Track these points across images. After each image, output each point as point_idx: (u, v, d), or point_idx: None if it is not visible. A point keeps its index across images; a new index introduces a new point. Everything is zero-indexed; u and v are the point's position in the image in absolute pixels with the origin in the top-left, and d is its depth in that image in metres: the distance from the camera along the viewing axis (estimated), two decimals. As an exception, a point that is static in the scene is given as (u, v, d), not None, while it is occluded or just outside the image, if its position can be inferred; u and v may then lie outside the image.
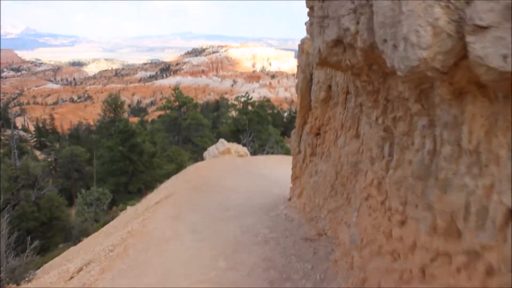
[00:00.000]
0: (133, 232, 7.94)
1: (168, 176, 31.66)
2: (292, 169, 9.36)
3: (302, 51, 9.01)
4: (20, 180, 28.97)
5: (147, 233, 7.59)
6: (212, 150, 16.68)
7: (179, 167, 32.45)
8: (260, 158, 17.19)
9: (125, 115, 41.99)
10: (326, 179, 7.25)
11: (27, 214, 27.22)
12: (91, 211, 28.52)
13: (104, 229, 11.50)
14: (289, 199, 9.41)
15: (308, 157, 8.45)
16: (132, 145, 33.53)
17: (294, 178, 9.31)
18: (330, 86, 7.68)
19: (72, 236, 23.24)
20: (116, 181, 33.38)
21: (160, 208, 9.30)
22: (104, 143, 35.59)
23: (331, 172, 7.05)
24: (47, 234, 27.60)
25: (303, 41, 9.06)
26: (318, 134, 8.26)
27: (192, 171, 13.63)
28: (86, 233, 17.20)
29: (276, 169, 13.34)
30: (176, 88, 42.51)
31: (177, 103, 40.45)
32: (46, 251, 24.76)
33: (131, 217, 10.60)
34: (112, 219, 14.68)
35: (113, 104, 39.91)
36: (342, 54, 4.03)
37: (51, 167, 42.70)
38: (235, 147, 17.04)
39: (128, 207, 15.14)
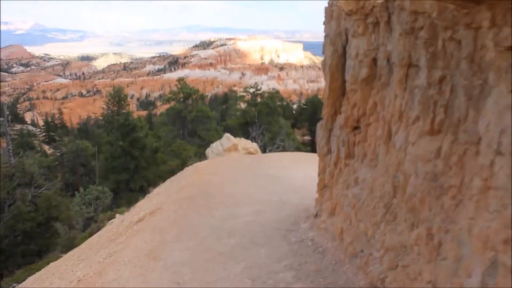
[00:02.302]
0: (84, 283, 5.60)
1: (172, 172, 29.59)
2: (318, 174, 7.05)
3: (331, 16, 6.70)
4: (15, 178, 27.48)
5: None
6: (215, 147, 14.29)
7: (184, 163, 30.69)
8: (273, 156, 14.70)
9: (130, 108, 39.91)
10: (375, 194, 5.00)
11: (23, 214, 25.65)
12: (90, 211, 26.66)
13: (77, 252, 9.25)
14: (316, 215, 7.08)
15: (343, 159, 6.15)
16: (133, 140, 31.40)
17: (322, 187, 7.00)
18: (375, 60, 5.42)
19: (58, 246, 21.22)
20: (117, 178, 31.30)
21: (135, 237, 6.98)
22: (104, 137, 33.61)
23: (384, 184, 4.82)
24: (45, 235, 26.16)
25: (331, 3, 6.71)
26: (356, 128, 5.99)
27: (188, 174, 11.34)
28: (72, 245, 15.03)
29: (293, 170, 11.08)
30: (180, 79, 40.47)
31: (181, 95, 38.26)
32: (44, 253, 23.11)
33: (107, 238, 8.31)
34: (98, 229, 12.46)
35: (117, 97, 37.92)
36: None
37: (57, 162, 41.52)
38: (243, 142, 14.66)
39: (117, 215, 12.87)
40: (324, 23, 6.89)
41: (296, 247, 6.00)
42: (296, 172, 10.85)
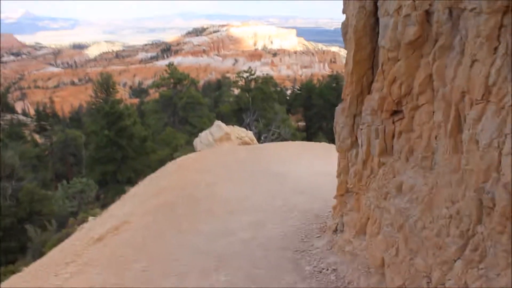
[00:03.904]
0: None
1: (162, 163, 27.94)
2: (338, 175, 5.29)
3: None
4: (-5, 171, 26.12)
5: None
6: (205, 136, 12.44)
7: (174, 152, 29.25)
8: (272, 147, 12.78)
9: (123, 96, 38.47)
10: (438, 214, 3.24)
11: (4, 209, 24.23)
12: (74, 205, 25.10)
13: (32, 270, 7.40)
14: (335, 230, 5.31)
15: (377, 157, 4.38)
16: (120, 128, 29.67)
17: (344, 192, 5.23)
18: (428, 14, 3.65)
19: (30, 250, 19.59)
20: (103, 169, 29.59)
21: (79, 277, 5.11)
22: (89, 127, 31.91)
23: (455, 199, 3.02)
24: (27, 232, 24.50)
25: None
26: (396, 112, 4.23)
27: (170, 172, 9.51)
28: (42, 252, 13.29)
29: (297, 164, 9.34)
30: (170, 64, 38.64)
31: (172, 80, 36.51)
32: (26, 253, 21.55)
33: (62, 258, 6.47)
34: (67, 236, 10.64)
35: (105, 84, 36.50)
36: None
37: (47, 152, 40.73)
38: (236, 131, 12.83)
39: (90, 219, 11.07)
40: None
41: (314, 283, 4.25)
42: (301, 167, 9.13)
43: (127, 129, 29.95)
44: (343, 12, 5.19)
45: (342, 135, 5.14)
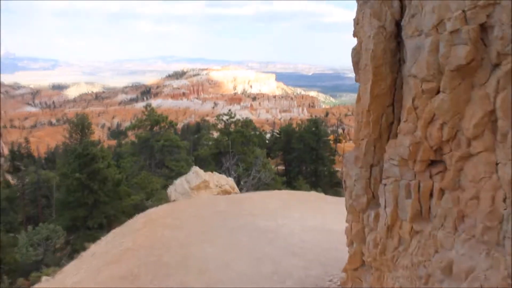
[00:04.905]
0: None
1: (136, 208, 26.55)
2: (350, 243, 4.14)
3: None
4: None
5: None
6: (180, 184, 11.17)
7: (150, 197, 27.88)
8: (256, 197, 11.43)
9: (98, 137, 37.40)
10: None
11: None
12: (39, 253, 23.33)
13: None
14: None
15: (408, 222, 3.25)
16: (92, 171, 28.05)
17: (357, 265, 4.06)
18: (483, 29, 2.56)
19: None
20: (73, 214, 27.78)
21: None
22: (60, 169, 30.38)
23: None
24: (-13, 281, 22.65)
25: None
26: (434, 162, 3.13)
27: (138, 228, 8.14)
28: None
29: (285, 217, 8.16)
30: (148, 105, 37.68)
31: (148, 123, 35.51)
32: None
33: None
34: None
35: (80, 125, 35.29)
36: None
37: (18, 193, 38.39)
38: (215, 178, 11.61)
39: (43, 279, 9.62)
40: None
41: None
42: (291, 221, 7.94)
43: (100, 172, 28.37)
44: (354, 35, 4.16)
45: (356, 191, 4.00)
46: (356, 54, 4.07)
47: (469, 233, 2.85)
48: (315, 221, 7.74)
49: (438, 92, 3.05)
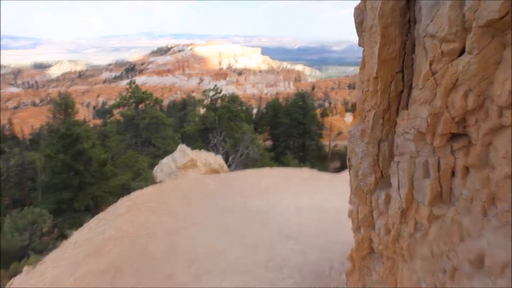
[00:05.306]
0: None
1: (124, 188, 26.05)
2: (356, 229, 3.67)
3: None
4: None
5: None
6: (166, 163, 10.63)
7: (137, 176, 27.31)
8: (247, 176, 10.88)
9: (83, 116, 36.73)
10: None
11: None
12: (24, 238, 22.78)
13: None
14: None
15: (427, 206, 2.78)
16: (77, 152, 27.38)
17: (365, 252, 3.60)
18: None
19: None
20: (58, 197, 27.15)
21: None
22: (43, 150, 29.66)
23: None
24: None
25: None
26: (456, 136, 2.65)
27: (121, 213, 7.63)
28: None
29: (279, 198, 7.66)
30: (132, 82, 36.80)
31: (133, 100, 34.75)
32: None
33: None
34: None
35: (64, 104, 35.09)
36: None
37: (3, 176, 37.52)
38: (203, 156, 11.08)
39: (25, 269, 9.13)
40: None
41: None
42: (284, 200, 7.48)
43: (84, 153, 27.72)
44: (356, -6, 3.63)
45: (362, 169, 3.52)
46: (360, 13, 3.54)
47: (502, 219, 2.40)
48: (309, 199, 7.32)
49: (461, 53, 2.56)
